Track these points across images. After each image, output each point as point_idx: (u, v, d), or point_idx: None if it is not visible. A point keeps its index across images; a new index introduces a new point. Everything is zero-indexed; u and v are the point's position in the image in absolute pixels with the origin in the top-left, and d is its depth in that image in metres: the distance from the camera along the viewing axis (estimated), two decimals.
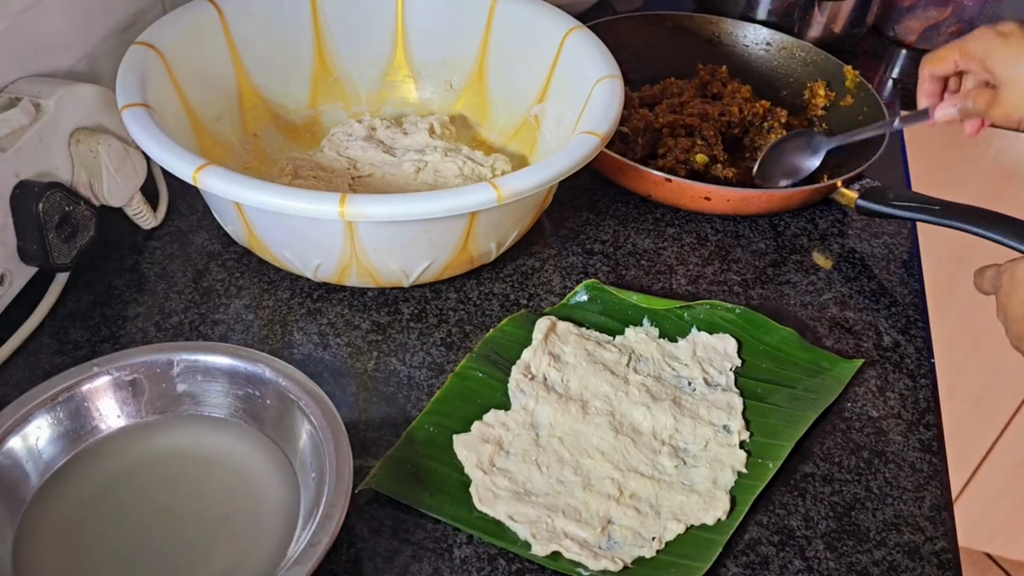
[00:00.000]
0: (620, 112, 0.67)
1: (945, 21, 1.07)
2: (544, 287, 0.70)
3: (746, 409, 0.60)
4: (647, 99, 0.91)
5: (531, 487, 0.55)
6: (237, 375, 0.55)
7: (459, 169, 0.73)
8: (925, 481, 0.58)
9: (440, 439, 0.57)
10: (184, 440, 0.55)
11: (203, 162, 0.57)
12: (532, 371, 0.61)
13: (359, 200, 0.55)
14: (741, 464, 0.57)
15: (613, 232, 0.76)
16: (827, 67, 0.92)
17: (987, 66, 0.64)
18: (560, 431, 0.58)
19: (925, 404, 0.63)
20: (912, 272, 0.74)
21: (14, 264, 0.61)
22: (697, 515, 0.54)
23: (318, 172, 0.73)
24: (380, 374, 0.62)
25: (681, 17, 0.98)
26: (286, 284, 0.69)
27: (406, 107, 0.85)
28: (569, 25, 0.75)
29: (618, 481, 0.55)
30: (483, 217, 0.62)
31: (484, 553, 0.52)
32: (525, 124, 0.80)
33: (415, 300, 0.68)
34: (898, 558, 0.53)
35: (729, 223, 0.78)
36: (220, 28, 0.74)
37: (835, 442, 0.60)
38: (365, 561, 0.51)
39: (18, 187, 0.59)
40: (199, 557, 0.49)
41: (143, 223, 0.71)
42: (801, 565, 0.53)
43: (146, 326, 0.64)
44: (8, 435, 0.50)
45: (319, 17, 0.79)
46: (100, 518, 0.50)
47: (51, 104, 0.61)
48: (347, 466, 0.49)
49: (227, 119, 0.76)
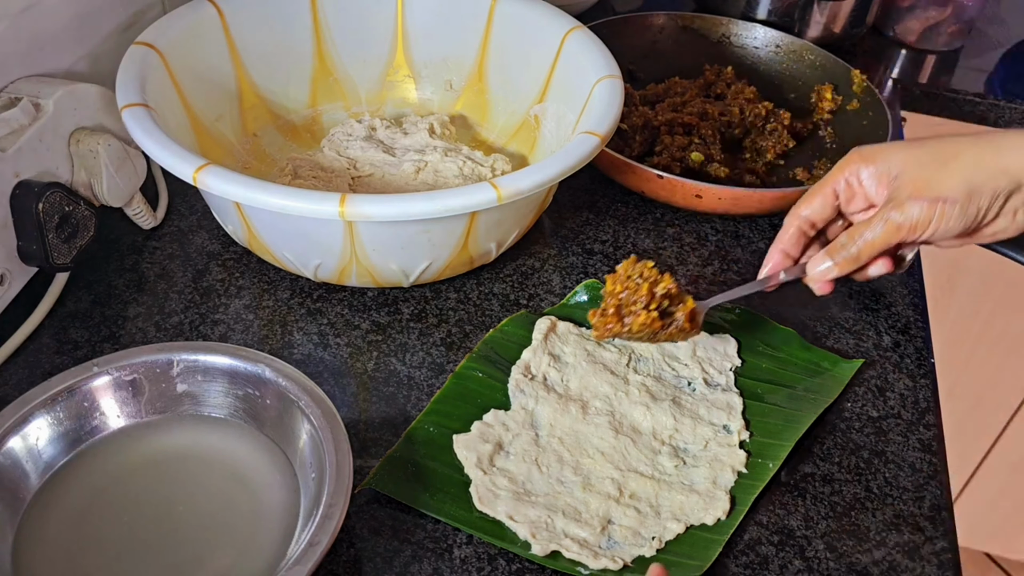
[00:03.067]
0: (620, 112, 0.67)
1: (945, 21, 1.07)
2: (544, 287, 0.70)
3: (746, 409, 0.60)
4: (650, 97, 0.91)
5: (531, 487, 0.55)
6: (237, 375, 0.55)
7: (459, 169, 0.73)
8: (925, 481, 0.58)
9: (440, 439, 0.57)
10: (184, 440, 0.55)
11: (203, 162, 0.57)
12: (532, 371, 0.61)
13: (359, 200, 0.55)
14: (741, 464, 0.57)
15: (613, 232, 0.76)
16: (835, 71, 0.92)
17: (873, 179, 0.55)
18: (560, 431, 0.58)
19: (925, 404, 0.63)
20: (912, 272, 0.74)
21: (14, 264, 0.61)
22: (697, 515, 0.54)
23: (318, 172, 0.73)
24: (380, 374, 0.62)
25: (691, 17, 0.98)
26: (286, 284, 0.69)
27: (406, 107, 0.85)
28: (569, 25, 0.75)
29: (618, 481, 0.55)
30: (483, 217, 0.62)
31: (484, 553, 0.52)
32: (525, 124, 0.80)
33: (415, 300, 0.68)
34: (898, 558, 0.53)
35: (729, 223, 0.78)
36: (220, 28, 0.74)
37: (835, 442, 0.60)
38: (365, 561, 0.51)
39: (18, 187, 0.59)
40: (199, 557, 0.49)
41: (143, 223, 0.71)
42: (801, 565, 0.53)
43: (146, 326, 0.64)
44: (8, 435, 0.50)
45: (319, 17, 0.79)
46: (100, 518, 0.50)
47: (51, 104, 0.61)
48: (347, 466, 0.49)
49: (227, 119, 0.76)
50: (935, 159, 0.51)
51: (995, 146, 0.51)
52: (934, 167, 0.51)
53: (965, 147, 0.52)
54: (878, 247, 0.55)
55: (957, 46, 1.11)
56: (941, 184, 0.51)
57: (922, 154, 0.52)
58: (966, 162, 0.51)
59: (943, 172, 0.51)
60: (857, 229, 0.56)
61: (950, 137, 0.53)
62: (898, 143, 0.56)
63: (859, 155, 0.57)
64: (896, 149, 0.54)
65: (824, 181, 0.58)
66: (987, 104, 1.03)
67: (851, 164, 0.57)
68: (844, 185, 0.57)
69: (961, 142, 0.52)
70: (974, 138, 0.52)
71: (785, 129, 0.86)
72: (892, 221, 0.53)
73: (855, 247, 0.55)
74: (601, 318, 0.57)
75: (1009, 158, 0.51)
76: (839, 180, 0.57)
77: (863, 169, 0.56)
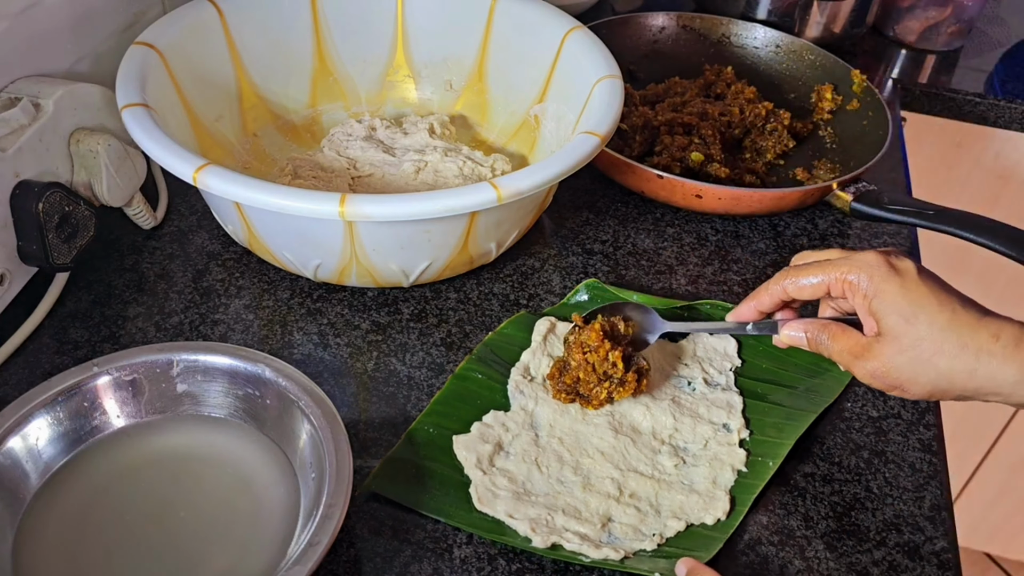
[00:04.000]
0: (620, 112, 0.67)
1: (945, 21, 1.07)
2: (544, 287, 0.70)
3: (746, 407, 0.60)
4: (650, 97, 0.91)
5: (531, 487, 0.55)
6: (237, 375, 0.55)
7: (459, 169, 0.73)
8: (925, 481, 0.58)
9: (440, 440, 0.57)
10: (184, 440, 0.55)
11: (203, 162, 0.57)
12: (531, 373, 0.61)
13: (359, 200, 0.55)
14: (741, 463, 0.57)
15: (613, 232, 0.76)
16: (835, 71, 0.92)
17: (872, 308, 0.51)
18: (560, 431, 0.58)
19: (925, 404, 0.63)
20: None
21: (14, 264, 0.61)
22: (697, 515, 0.54)
23: (318, 172, 0.73)
24: (380, 374, 0.62)
25: (691, 17, 0.98)
26: (286, 284, 0.69)
27: (406, 107, 0.85)
28: (569, 25, 0.75)
29: (618, 481, 0.55)
30: (483, 217, 0.62)
31: (484, 553, 0.52)
32: (525, 124, 0.80)
33: (415, 300, 0.68)
34: (898, 558, 0.53)
35: (729, 223, 0.78)
36: (220, 28, 0.74)
37: (835, 442, 0.60)
38: (365, 561, 0.51)
39: (18, 187, 0.59)
40: (199, 557, 0.49)
41: (143, 223, 0.71)
42: (801, 565, 0.53)
43: (146, 326, 0.64)
44: (8, 435, 0.50)
45: (319, 17, 0.79)
46: (100, 518, 0.50)
47: (51, 104, 0.61)
48: (347, 466, 0.49)
49: (227, 119, 0.76)
50: (915, 347, 0.49)
51: (973, 365, 0.48)
52: (909, 356, 0.49)
53: (947, 350, 0.49)
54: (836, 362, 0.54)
55: (957, 46, 1.11)
56: (907, 378, 0.50)
57: (907, 337, 0.49)
58: (939, 370, 0.49)
59: (914, 367, 0.49)
60: (837, 340, 0.53)
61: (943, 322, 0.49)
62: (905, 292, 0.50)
63: (871, 278, 0.51)
64: (895, 310, 0.50)
65: (825, 269, 0.53)
66: (987, 104, 1.03)
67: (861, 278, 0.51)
68: (839, 289, 0.53)
69: (947, 339, 0.49)
70: (959, 345, 0.49)
71: (785, 129, 0.86)
72: (854, 369, 0.52)
73: (826, 350, 0.54)
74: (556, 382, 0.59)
75: (982, 378, 0.49)
76: (837, 284, 0.52)
77: (863, 293, 0.51)
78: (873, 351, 0.51)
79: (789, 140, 0.86)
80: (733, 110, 0.86)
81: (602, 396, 0.58)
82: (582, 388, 0.58)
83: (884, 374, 0.51)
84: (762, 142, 0.85)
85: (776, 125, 0.86)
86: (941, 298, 0.50)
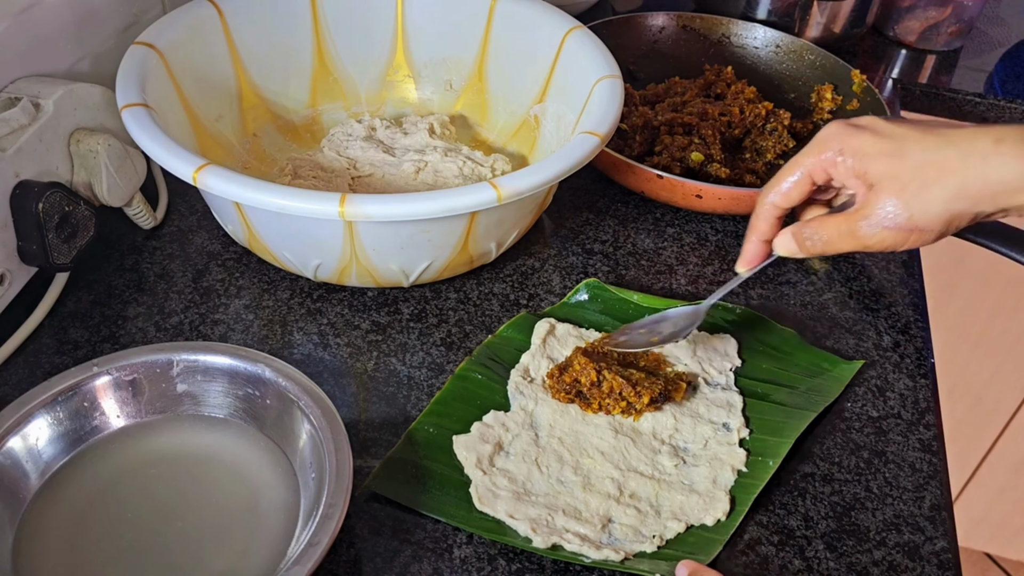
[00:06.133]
0: (620, 112, 0.67)
1: (945, 21, 1.07)
2: (544, 287, 0.70)
3: (746, 407, 0.60)
4: (650, 97, 0.91)
5: (531, 487, 0.55)
6: (237, 375, 0.55)
7: (459, 169, 0.73)
8: (925, 481, 0.58)
9: (440, 440, 0.57)
10: (184, 440, 0.55)
11: (203, 162, 0.57)
12: (531, 374, 0.61)
13: (359, 200, 0.55)
14: (741, 462, 0.57)
15: (613, 232, 0.76)
16: (835, 71, 0.92)
17: (856, 168, 0.50)
18: (560, 431, 0.58)
19: (925, 404, 0.63)
20: (912, 272, 0.74)
21: (14, 264, 0.61)
22: (697, 515, 0.54)
23: (318, 172, 0.73)
24: (380, 374, 0.62)
25: (691, 17, 0.98)
26: (286, 284, 0.69)
27: (406, 107, 0.85)
28: (569, 25, 0.75)
29: (618, 481, 0.55)
30: (483, 217, 0.62)
31: (484, 553, 0.52)
32: (525, 124, 0.80)
33: (415, 300, 0.68)
34: (898, 558, 0.53)
35: (729, 223, 0.78)
36: (220, 28, 0.74)
37: (835, 442, 0.60)
38: (365, 561, 0.51)
39: (18, 187, 0.59)
40: (199, 557, 0.49)
41: (143, 223, 0.71)
42: (801, 565, 0.53)
43: (146, 326, 0.64)
44: (8, 435, 0.50)
45: (319, 17, 0.79)
46: (100, 518, 0.50)
47: (51, 104, 0.61)
48: (347, 466, 0.49)
49: (227, 119, 0.76)
50: (916, 177, 0.47)
51: (982, 169, 0.46)
52: (915, 187, 0.48)
53: (951, 165, 0.47)
54: (841, 250, 0.53)
55: (957, 46, 1.11)
56: (919, 210, 0.48)
57: (903, 171, 0.48)
58: (949, 187, 0.47)
59: (923, 196, 0.47)
60: (824, 225, 0.52)
61: (937, 142, 0.48)
62: (879, 138, 0.49)
63: (838, 141, 0.51)
64: (877, 152, 0.49)
65: (797, 163, 0.53)
66: (987, 104, 1.03)
67: (828, 148, 0.51)
68: (821, 174, 0.52)
69: (948, 156, 0.48)
70: (961, 154, 0.47)
71: (785, 129, 0.86)
72: (860, 237, 0.51)
73: (820, 242, 0.53)
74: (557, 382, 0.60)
75: (996, 182, 0.46)
76: (816, 168, 0.52)
77: (839, 160, 0.51)
78: (873, 203, 0.49)
79: (789, 140, 0.86)
80: (733, 110, 0.86)
81: (615, 412, 0.59)
82: (595, 401, 0.59)
83: (893, 216, 0.48)
84: (762, 142, 0.85)
85: (776, 125, 0.86)
86: (922, 127, 0.49)
